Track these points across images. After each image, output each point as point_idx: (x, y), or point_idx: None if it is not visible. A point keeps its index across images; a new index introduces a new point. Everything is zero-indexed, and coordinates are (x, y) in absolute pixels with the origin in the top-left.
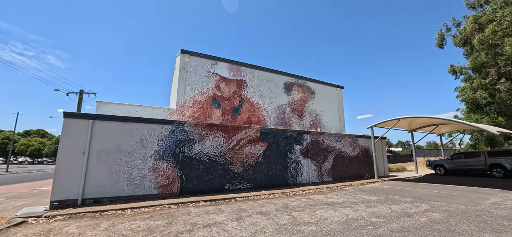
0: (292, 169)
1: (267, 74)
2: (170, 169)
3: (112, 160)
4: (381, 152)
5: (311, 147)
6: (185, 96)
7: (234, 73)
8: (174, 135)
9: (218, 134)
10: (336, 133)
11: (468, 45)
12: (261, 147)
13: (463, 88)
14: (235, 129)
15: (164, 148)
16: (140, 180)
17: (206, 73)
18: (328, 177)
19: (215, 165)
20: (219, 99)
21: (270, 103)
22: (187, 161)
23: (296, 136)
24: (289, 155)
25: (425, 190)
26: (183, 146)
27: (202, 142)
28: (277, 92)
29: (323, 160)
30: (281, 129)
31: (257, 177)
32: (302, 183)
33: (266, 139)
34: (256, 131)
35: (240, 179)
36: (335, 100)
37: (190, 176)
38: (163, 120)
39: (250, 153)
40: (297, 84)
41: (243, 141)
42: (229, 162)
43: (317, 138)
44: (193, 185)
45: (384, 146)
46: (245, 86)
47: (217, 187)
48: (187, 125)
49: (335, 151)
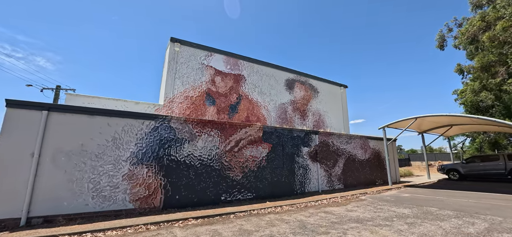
0: (300, 175)
1: (267, 69)
2: (151, 176)
3: (73, 164)
4: (392, 156)
5: (320, 150)
6: (174, 91)
7: (231, 67)
8: (157, 134)
9: (213, 132)
10: (346, 134)
11: (475, 43)
12: (264, 149)
13: (462, 90)
14: (234, 127)
15: (144, 150)
16: (110, 191)
17: (199, 66)
18: (339, 184)
19: (209, 170)
20: (214, 95)
21: (270, 101)
22: (174, 166)
23: (303, 137)
24: (296, 159)
25: (458, 199)
26: (169, 147)
27: (193, 143)
28: (278, 89)
29: (333, 165)
30: (287, 128)
31: (259, 185)
32: (310, 192)
33: (270, 139)
34: (258, 130)
35: (240, 188)
36: (338, 99)
37: (177, 185)
38: (143, 114)
39: (251, 156)
40: (299, 82)
41: (243, 142)
42: (226, 167)
43: (326, 139)
44: (181, 197)
45: (395, 149)
46: (243, 82)
47: (212, 199)
48: (175, 121)
49: (345, 154)
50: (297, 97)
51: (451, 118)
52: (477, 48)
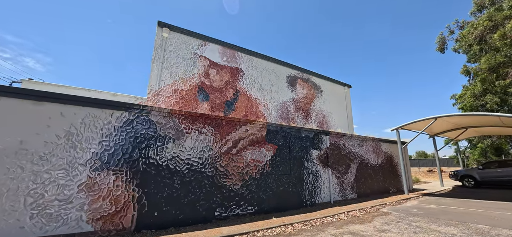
0: (309, 183)
1: (267, 64)
2: (120, 186)
3: (4, 169)
4: (405, 161)
5: (331, 153)
6: (161, 83)
7: (227, 59)
8: (132, 129)
9: (205, 129)
10: (358, 136)
11: (482, 43)
12: (268, 151)
13: (461, 95)
14: (231, 123)
15: (111, 150)
16: (60, 206)
17: (192, 56)
18: (352, 193)
19: (200, 178)
20: (207, 89)
21: (271, 98)
22: (153, 172)
23: (313, 138)
24: (305, 164)
25: (501, 212)
26: (147, 147)
27: (180, 142)
28: (280, 86)
29: (345, 170)
30: (295, 126)
31: (262, 196)
32: (321, 203)
33: (275, 140)
34: (261, 128)
35: (239, 200)
36: (342, 100)
37: (156, 198)
38: (113, 103)
39: (252, 160)
40: (302, 79)
41: (242, 142)
42: (222, 174)
43: (338, 141)
44: (161, 214)
45: (407, 154)
46: (241, 76)
47: (202, 215)
48: (156, 113)
49: (357, 158)
50: (300, 95)
51: (474, 119)
52: (482, 49)
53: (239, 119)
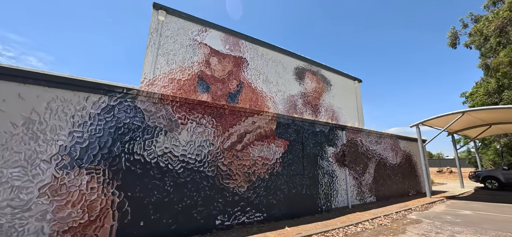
0: (325, 185)
1: (274, 54)
2: (96, 188)
3: None
4: (424, 161)
5: (348, 150)
6: (156, 71)
7: (230, 47)
8: (112, 117)
9: (204, 120)
10: (375, 132)
11: (502, 36)
12: (278, 147)
13: (472, 92)
14: (236, 114)
15: (85, 144)
16: (13, 216)
17: (191, 42)
18: (370, 196)
19: (198, 179)
20: (208, 79)
21: (277, 91)
22: (139, 170)
23: (328, 133)
24: (320, 162)
25: None
26: (132, 140)
27: (173, 134)
28: (287, 79)
29: (362, 171)
30: (308, 119)
31: (272, 200)
32: (338, 208)
33: (286, 134)
34: (270, 120)
35: (244, 205)
36: (353, 95)
37: (142, 203)
38: (88, 84)
39: (260, 158)
40: (310, 72)
41: (249, 137)
42: (225, 174)
43: (355, 137)
44: (148, 223)
45: (425, 152)
46: (245, 66)
47: (201, 224)
48: (144, 98)
49: (375, 157)
50: (308, 89)
51: (504, 114)
52: (500, 43)
53: (245, 108)
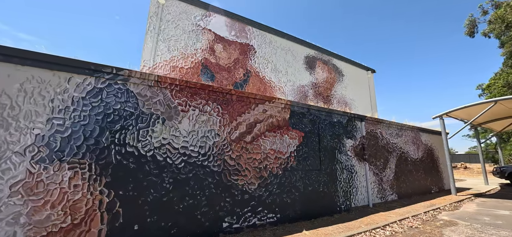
0: (343, 181)
1: (283, 42)
2: (81, 186)
3: None
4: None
5: (368, 143)
6: (156, 58)
7: (236, 33)
8: (100, 103)
9: (209, 107)
10: (396, 123)
11: None
12: (292, 139)
13: (489, 84)
14: (245, 100)
15: (67, 133)
16: None
17: (193, 27)
18: (392, 194)
19: (202, 174)
20: (212, 68)
21: (287, 81)
22: (132, 165)
23: (346, 124)
24: (338, 156)
25: None
26: (124, 129)
27: (173, 123)
28: (297, 68)
29: (383, 166)
30: (324, 108)
31: (286, 199)
32: (358, 207)
33: (301, 125)
34: (283, 108)
35: (255, 205)
36: (365, 86)
37: (137, 204)
38: (71, 62)
39: (272, 151)
40: (321, 61)
41: (259, 127)
42: (232, 169)
43: (374, 129)
44: (144, 226)
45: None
46: (252, 54)
47: (205, 227)
48: (137, 80)
49: (396, 151)
50: (320, 79)
51: None
52: None
53: (255, 94)
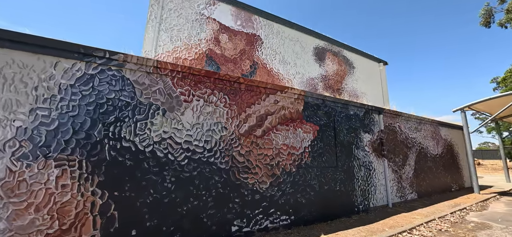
0: (361, 179)
1: (291, 32)
2: (70, 186)
3: None
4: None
5: (386, 138)
6: (158, 49)
7: (242, 23)
8: (91, 91)
9: (215, 97)
10: (415, 116)
11: None
12: (306, 133)
13: (505, 77)
14: (254, 90)
15: (54, 125)
16: None
17: (197, 16)
18: (411, 193)
19: (208, 172)
20: (218, 59)
21: (296, 74)
22: (128, 162)
23: (363, 117)
24: (355, 152)
25: None
26: (119, 122)
27: (175, 115)
28: (306, 59)
29: (402, 162)
30: (340, 99)
31: (301, 199)
32: (377, 206)
33: (315, 117)
34: (296, 99)
35: (267, 206)
36: (377, 79)
37: (134, 206)
38: (58, 44)
39: (285, 147)
40: (331, 52)
41: (271, 120)
42: (242, 167)
43: (392, 123)
44: (143, 231)
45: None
46: (259, 45)
47: (212, 231)
48: (134, 66)
49: (415, 146)
50: (329, 71)
51: None
52: None
53: (266, 83)
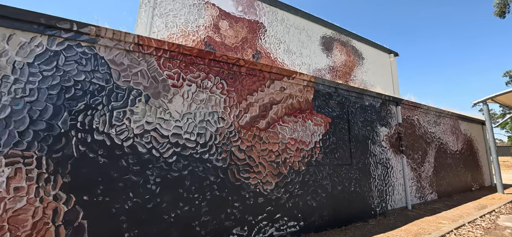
0: (378, 178)
1: (296, 19)
2: (26, 189)
3: None
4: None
5: (404, 132)
6: (152, 35)
7: (244, 9)
8: (55, 72)
9: (210, 82)
10: (435, 108)
11: None
12: (317, 126)
13: None
14: (257, 75)
15: (5, 113)
16: None
17: (195, 1)
18: (431, 193)
19: (201, 171)
20: (217, 47)
21: (301, 64)
22: (102, 159)
23: (379, 108)
24: (372, 148)
25: None
26: (90, 110)
27: (161, 102)
28: (312, 49)
29: (421, 159)
30: (355, 87)
31: (311, 202)
32: (395, 209)
33: (327, 108)
34: (305, 87)
35: (272, 210)
36: (388, 70)
37: (108, 213)
38: (12, 12)
39: (293, 141)
40: (339, 42)
41: (277, 109)
42: (243, 164)
43: (411, 116)
44: None
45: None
46: (262, 33)
47: None
48: (110, 42)
49: (435, 142)
50: (338, 62)
51: None
52: None
53: (270, 67)
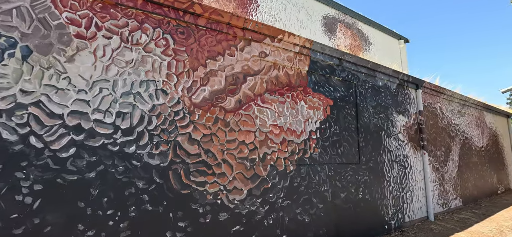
0: (393, 181)
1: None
2: None
3: None
4: None
5: (426, 123)
6: None
7: None
8: None
9: (145, 35)
10: (459, 95)
11: None
12: (313, 110)
13: None
14: (224, 31)
15: None
16: None
17: None
18: (455, 198)
19: (122, 174)
20: None
21: None
22: None
23: (395, 90)
24: (386, 141)
25: None
26: None
27: (53, 59)
28: (312, 30)
29: (445, 157)
30: (367, 61)
31: (302, 216)
32: (414, 220)
33: (327, 87)
34: (298, 54)
35: (243, 232)
36: (397, 58)
37: None
38: None
39: (278, 130)
40: (343, 23)
41: (252, 83)
42: (193, 162)
43: (433, 103)
44: None
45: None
46: (253, 8)
47: None
48: None
49: (459, 136)
50: (341, 46)
51: None
52: None
53: (245, 20)
